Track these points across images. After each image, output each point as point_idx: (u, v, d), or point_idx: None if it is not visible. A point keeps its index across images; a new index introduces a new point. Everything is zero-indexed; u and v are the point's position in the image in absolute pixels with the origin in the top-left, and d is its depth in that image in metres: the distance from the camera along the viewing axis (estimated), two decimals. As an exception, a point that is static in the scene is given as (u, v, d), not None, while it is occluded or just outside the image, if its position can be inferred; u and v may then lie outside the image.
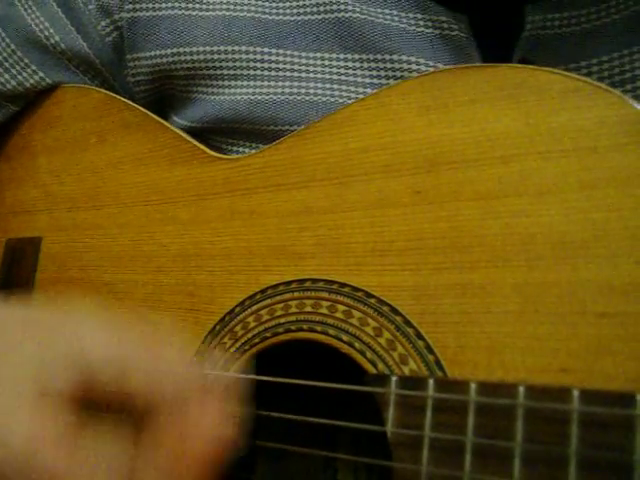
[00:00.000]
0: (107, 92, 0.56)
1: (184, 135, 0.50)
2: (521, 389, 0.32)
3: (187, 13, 0.52)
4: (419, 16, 0.47)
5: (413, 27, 0.47)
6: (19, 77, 0.59)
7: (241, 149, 0.54)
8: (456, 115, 0.38)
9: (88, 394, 0.32)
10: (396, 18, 0.47)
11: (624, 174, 0.33)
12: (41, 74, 0.59)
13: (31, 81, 0.59)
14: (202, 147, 0.49)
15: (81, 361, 0.31)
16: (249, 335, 0.43)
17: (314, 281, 0.41)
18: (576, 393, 0.31)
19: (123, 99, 0.55)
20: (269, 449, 0.45)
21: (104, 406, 0.32)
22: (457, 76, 0.39)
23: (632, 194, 0.33)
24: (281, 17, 0.51)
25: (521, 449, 0.32)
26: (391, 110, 0.40)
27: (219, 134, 0.54)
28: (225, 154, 0.53)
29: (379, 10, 0.48)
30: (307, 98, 0.49)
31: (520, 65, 0.37)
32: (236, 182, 0.46)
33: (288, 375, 0.41)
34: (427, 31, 0.47)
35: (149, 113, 0.53)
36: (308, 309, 0.41)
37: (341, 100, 0.48)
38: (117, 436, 0.32)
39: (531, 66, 0.37)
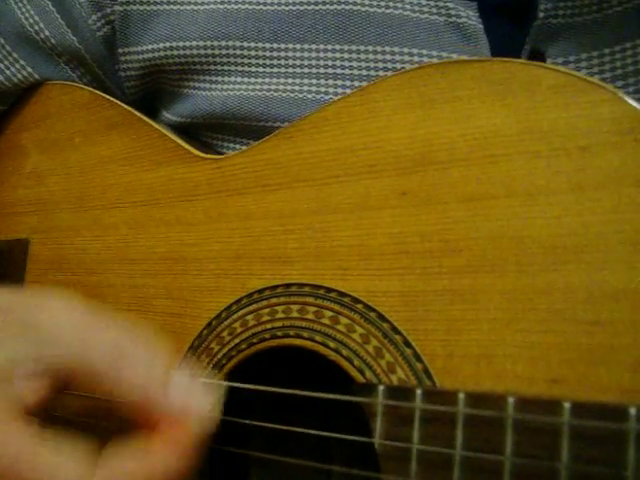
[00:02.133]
0: (92, 90, 0.55)
1: (169, 134, 0.49)
2: (510, 400, 0.31)
3: (182, 8, 0.51)
4: (424, 2, 0.45)
5: (417, 14, 0.45)
6: (7, 72, 0.58)
7: (231, 145, 0.52)
8: (443, 112, 0.37)
9: (53, 397, 0.32)
10: (399, 4, 0.45)
11: (617, 174, 0.32)
12: (29, 69, 0.58)
13: (19, 76, 0.58)
14: (187, 146, 0.48)
15: (46, 364, 0.31)
16: (236, 341, 0.42)
17: (300, 286, 0.40)
18: (567, 405, 0.30)
19: (108, 97, 0.54)
20: (261, 458, 0.44)
21: (69, 410, 0.33)
22: (444, 71, 0.37)
23: (626, 195, 0.31)
24: (275, 7, 0.49)
25: (510, 463, 0.31)
26: (376, 107, 0.39)
27: (209, 130, 0.53)
28: (215, 150, 0.52)
29: None
30: (300, 95, 0.48)
31: (509, 59, 0.36)
32: (220, 183, 0.45)
33: (278, 381, 0.40)
34: (432, 18, 0.45)
35: (134, 111, 0.52)
36: (294, 314, 0.40)
37: (335, 97, 0.46)
38: (77, 447, 0.31)
39: (521, 60, 0.36)
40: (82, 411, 0.33)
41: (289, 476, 0.48)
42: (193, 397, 0.32)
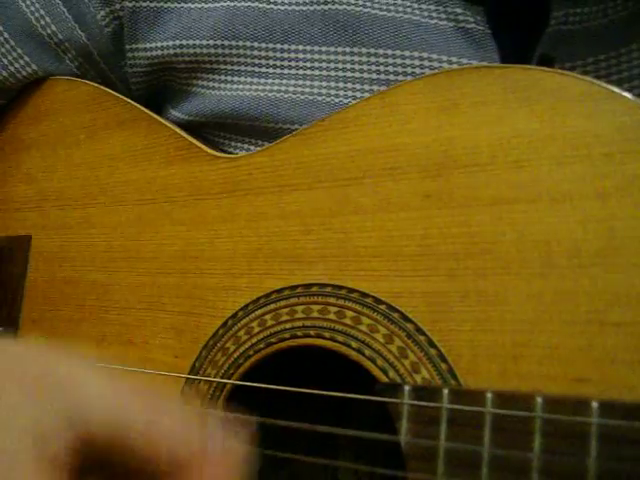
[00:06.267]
0: (98, 86, 0.54)
1: (181, 132, 0.49)
2: (539, 400, 0.32)
3: (192, 6, 0.51)
4: (433, 7, 0.46)
5: (427, 19, 0.45)
6: (11, 68, 0.57)
7: (239, 144, 0.52)
8: (467, 117, 0.37)
9: (88, 457, 0.31)
10: (409, 10, 0.46)
11: (640, 181, 0.33)
12: (34, 67, 0.57)
13: (24, 73, 0.57)
14: (200, 145, 0.48)
15: (79, 423, 0.30)
16: (253, 340, 0.42)
17: (321, 286, 0.40)
18: (595, 405, 0.31)
19: (115, 93, 0.53)
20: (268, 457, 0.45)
21: (106, 469, 0.32)
22: (468, 76, 0.38)
23: (649, 201, 0.32)
24: (286, 7, 0.49)
25: (539, 461, 0.31)
26: (399, 110, 0.39)
27: (217, 129, 0.53)
28: (222, 150, 0.52)
29: (391, 1, 0.46)
30: (311, 98, 0.48)
31: (533, 67, 0.36)
32: (237, 182, 0.45)
33: (291, 380, 0.41)
34: (441, 23, 0.45)
35: (143, 108, 0.51)
36: (315, 314, 0.40)
37: (345, 100, 0.47)
38: None
39: (544, 68, 0.37)
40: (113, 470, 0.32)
41: (296, 468, 0.48)
42: (229, 452, 0.32)
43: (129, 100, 0.52)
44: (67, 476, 0.30)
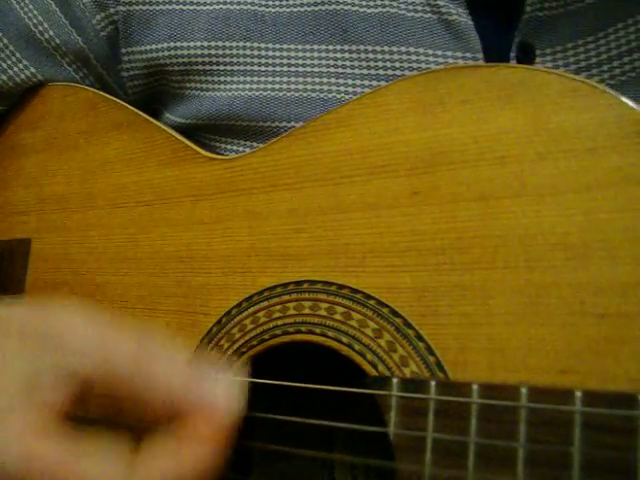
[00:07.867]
0: (96, 91, 0.55)
1: (176, 135, 0.50)
2: (523, 391, 0.32)
3: (184, 8, 0.52)
4: (417, 1, 0.47)
5: (412, 12, 0.47)
6: (10, 72, 0.58)
7: (235, 147, 0.53)
8: (454, 115, 0.38)
9: (80, 405, 0.32)
10: (394, 3, 0.48)
11: (623, 174, 0.33)
12: (32, 70, 0.58)
13: (22, 76, 0.58)
14: (195, 147, 0.49)
15: (70, 372, 0.31)
16: (246, 337, 0.43)
17: (312, 283, 0.41)
18: (578, 394, 0.31)
19: (113, 98, 0.54)
20: (265, 449, 0.45)
21: (98, 415, 0.33)
22: (454, 75, 0.38)
23: (631, 195, 0.33)
24: (277, 9, 0.51)
25: (524, 450, 0.32)
26: (387, 110, 0.40)
27: (212, 132, 0.54)
28: (218, 153, 0.53)
29: None
30: (305, 95, 0.49)
31: (518, 65, 0.37)
32: (230, 183, 0.46)
33: (286, 376, 0.41)
34: (425, 16, 0.47)
35: (140, 112, 0.52)
36: (306, 311, 0.41)
37: (338, 96, 0.48)
38: (113, 448, 0.31)
39: (529, 66, 0.37)
40: (112, 412, 0.33)
41: (292, 466, 0.49)
42: (219, 391, 0.32)
43: (126, 104, 0.53)
44: (60, 428, 0.31)
